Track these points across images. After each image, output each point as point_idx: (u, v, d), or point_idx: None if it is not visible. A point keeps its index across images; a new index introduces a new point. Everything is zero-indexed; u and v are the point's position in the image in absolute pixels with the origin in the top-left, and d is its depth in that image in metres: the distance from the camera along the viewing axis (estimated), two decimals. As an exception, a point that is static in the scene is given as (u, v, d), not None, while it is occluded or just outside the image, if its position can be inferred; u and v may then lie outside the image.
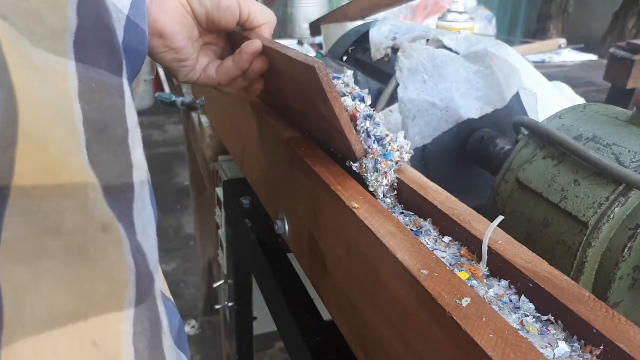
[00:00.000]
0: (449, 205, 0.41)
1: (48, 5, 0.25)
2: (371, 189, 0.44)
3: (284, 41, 1.71)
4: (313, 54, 1.40)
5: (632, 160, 0.45)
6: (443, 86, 0.69)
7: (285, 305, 0.60)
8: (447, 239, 0.40)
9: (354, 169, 0.45)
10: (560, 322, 0.31)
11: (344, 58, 0.91)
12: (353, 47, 0.91)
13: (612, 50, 0.91)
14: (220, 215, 0.97)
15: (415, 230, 0.41)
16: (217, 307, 1.12)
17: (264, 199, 0.67)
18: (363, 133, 0.46)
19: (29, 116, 0.23)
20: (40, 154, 0.23)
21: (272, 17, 0.50)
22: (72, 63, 0.26)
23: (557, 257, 0.47)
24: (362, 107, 0.47)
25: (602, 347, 0.28)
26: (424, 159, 0.69)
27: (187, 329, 1.89)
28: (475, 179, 0.72)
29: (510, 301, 0.33)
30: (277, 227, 0.58)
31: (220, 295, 1.16)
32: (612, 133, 0.48)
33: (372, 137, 0.46)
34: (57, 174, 0.24)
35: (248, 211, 0.77)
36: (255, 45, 0.46)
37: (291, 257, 0.66)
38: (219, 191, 0.96)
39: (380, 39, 0.83)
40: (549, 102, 0.73)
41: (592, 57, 1.77)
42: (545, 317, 0.31)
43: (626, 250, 0.43)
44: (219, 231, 0.99)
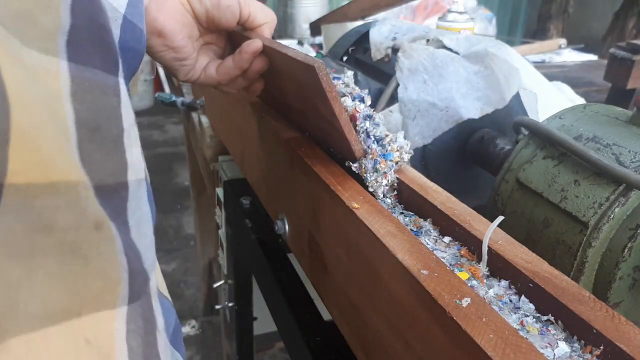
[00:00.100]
0: (449, 205, 0.41)
1: (40, 5, 0.25)
2: (370, 189, 0.44)
3: (284, 41, 1.71)
4: (313, 54, 1.40)
5: (632, 160, 0.45)
6: (443, 86, 0.69)
7: (285, 305, 0.60)
8: (447, 239, 0.40)
9: (353, 169, 0.45)
10: (560, 322, 0.31)
11: (344, 58, 0.91)
12: (353, 47, 0.91)
13: (612, 50, 0.91)
14: (220, 215, 0.97)
15: (415, 230, 0.41)
16: (217, 307, 1.12)
17: (264, 199, 0.67)
18: (362, 133, 0.46)
19: (20, 114, 0.23)
20: (33, 152, 0.23)
21: (273, 17, 0.50)
22: (64, 62, 0.26)
23: (557, 257, 0.47)
24: (361, 107, 0.47)
25: (602, 347, 0.28)
26: (424, 159, 0.69)
27: (187, 329, 1.89)
28: (475, 179, 0.72)
29: (510, 301, 0.33)
30: (277, 227, 0.58)
31: (220, 295, 1.16)
32: (612, 133, 0.48)
33: (372, 137, 0.46)
34: (49, 172, 0.24)
35: (248, 211, 0.77)
36: (255, 45, 0.46)
37: (291, 257, 0.66)
38: (219, 191, 0.96)
39: (380, 39, 0.83)
40: (549, 102, 0.73)
41: (592, 57, 1.77)
42: (545, 317, 0.31)
43: (626, 250, 0.43)
44: (219, 231, 0.99)
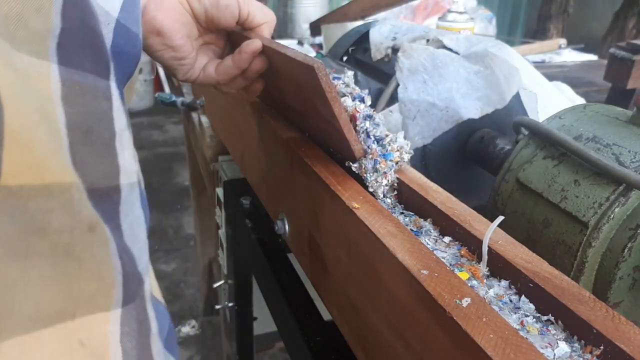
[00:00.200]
0: (449, 205, 0.41)
1: (31, 9, 0.25)
2: (370, 189, 0.44)
3: (284, 41, 1.71)
4: (313, 54, 1.40)
5: (632, 160, 0.45)
6: (443, 86, 0.69)
7: (285, 305, 0.60)
8: (447, 239, 0.40)
9: (353, 169, 0.45)
10: (560, 322, 0.31)
11: (344, 58, 0.91)
12: (353, 47, 0.91)
13: (612, 50, 0.91)
14: (220, 215, 0.97)
15: (415, 230, 0.41)
16: (217, 307, 1.12)
17: (264, 199, 0.67)
18: (362, 133, 0.46)
19: (13, 116, 0.23)
20: (26, 154, 0.23)
21: (272, 17, 0.50)
22: (55, 66, 0.26)
23: (557, 257, 0.47)
24: (361, 107, 0.47)
25: (602, 347, 0.28)
26: (424, 159, 0.69)
27: (187, 329, 1.89)
28: (475, 179, 0.72)
29: (510, 301, 0.33)
30: (277, 227, 0.58)
31: (220, 295, 1.16)
32: (612, 133, 0.48)
33: (372, 137, 0.46)
34: (43, 174, 0.24)
35: (248, 211, 0.77)
36: (254, 45, 0.46)
37: (291, 257, 0.66)
38: (219, 191, 0.96)
39: (380, 39, 0.83)
40: (549, 102, 0.73)
41: (592, 57, 1.77)
42: (545, 317, 0.31)
43: (626, 250, 0.43)
44: (219, 231, 0.99)
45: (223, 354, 1.33)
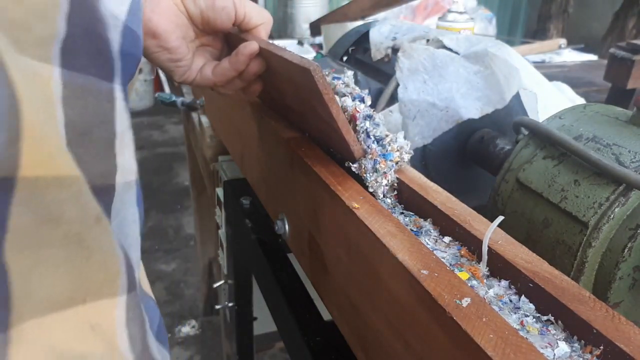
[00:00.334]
0: (449, 205, 0.41)
1: (36, 15, 0.26)
2: (370, 189, 0.44)
3: (284, 41, 1.71)
4: (313, 54, 1.40)
5: (632, 160, 0.45)
6: (443, 86, 0.69)
7: (285, 305, 0.60)
8: (447, 239, 0.40)
9: (353, 169, 0.45)
10: (560, 322, 0.31)
11: (344, 58, 0.91)
12: (353, 47, 0.91)
13: (612, 50, 0.91)
14: (220, 215, 0.97)
15: (415, 230, 0.41)
16: (217, 307, 1.12)
17: (264, 199, 0.67)
18: (362, 133, 0.46)
19: (29, 112, 0.24)
20: (41, 148, 0.25)
21: (269, 18, 0.50)
22: (57, 69, 0.27)
23: (557, 257, 0.47)
24: (361, 107, 0.47)
25: (602, 347, 0.28)
26: (424, 159, 0.69)
27: (187, 329, 1.89)
28: (475, 179, 0.72)
29: (510, 301, 0.33)
30: (277, 227, 0.58)
31: (220, 295, 1.16)
32: (612, 133, 0.48)
33: (372, 137, 0.46)
34: (55, 167, 0.26)
35: (248, 211, 0.77)
36: (251, 47, 0.46)
37: (291, 257, 0.66)
38: (219, 191, 0.96)
39: (380, 39, 0.83)
40: (549, 102, 0.73)
41: (592, 57, 1.77)
42: (545, 317, 0.31)
43: (626, 250, 0.43)
44: (219, 231, 0.99)
45: (223, 354, 1.33)
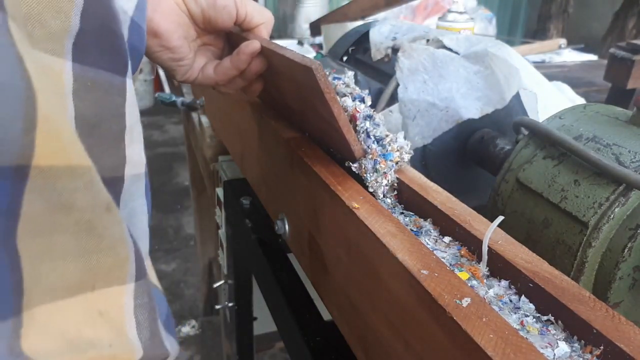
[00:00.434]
0: (449, 205, 0.41)
1: (50, 10, 0.26)
2: (370, 189, 0.44)
3: (284, 41, 1.71)
4: (313, 54, 1.40)
5: (632, 160, 0.45)
6: (443, 86, 0.69)
7: (285, 305, 0.60)
8: (447, 239, 0.40)
9: (353, 169, 0.45)
10: (560, 322, 0.31)
11: (344, 58, 0.91)
12: (353, 47, 0.91)
13: (612, 50, 0.91)
14: (220, 215, 0.97)
15: (415, 230, 0.41)
16: (217, 307, 1.12)
17: (264, 199, 0.67)
18: (362, 133, 0.46)
19: (44, 103, 0.25)
20: (55, 137, 0.26)
21: (270, 17, 0.50)
22: (69, 63, 0.28)
23: (557, 257, 0.47)
24: (361, 107, 0.47)
25: (602, 347, 0.28)
26: (424, 159, 0.69)
27: (187, 329, 1.89)
28: (475, 179, 0.72)
29: (510, 301, 0.33)
30: (277, 227, 0.58)
31: (220, 295, 1.16)
32: (612, 133, 0.48)
33: (372, 137, 0.46)
34: (68, 156, 0.26)
35: (248, 211, 0.77)
36: (253, 46, 0.46)
37: (291, 257, 0.66)
38: (219, 191, 0.96)
39: (380, 39, 0.83)
40: (549, 102, 0.73)
41: (592, 57, 1.77)
42: (545, 317, 0.31)
43: (626, 250, 0.43)
44: (219, 231, 0.99)
45: (223, 354, 1.33)
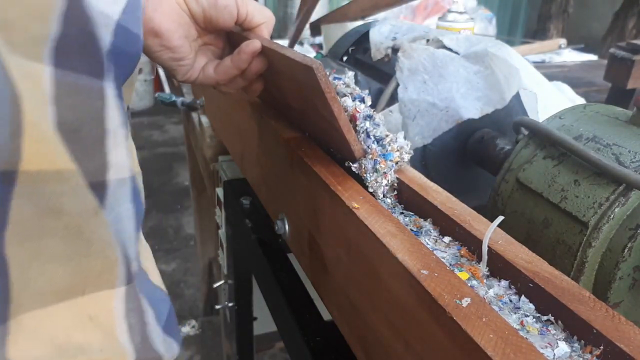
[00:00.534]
0: (449, 205, 0.41)
1: (29, 15, 0.26)
2: (370, 189, 0.44)
3: (285, 41, 1.71)
4: (313, 54, 1.40)
5: (632, 160, 0.45)
6: (443, 86, 0.69)
7: (285, 305, 0.60)
8: (447, 239, 0.40)
9: (353, 169, 0.45)
10: (560, 322, 0.31)
11: (344, 58, 0.91)
12: (353, 47, 0.91)
13: (612, 50, 0.91)
14: (220, 215, 0.97)
15: (415, 230, 0.41)
16: (217, 307, 1.12)
17: (264, 199, 0.67)
18: (362, 133, 0.46)
19: (29, 108, 0.25)
20: (41, 142, 0.26)
21: (271, 17, 0.50)
22: (49, 68, 0.27)
23: (557, 257, 0.47)
24: (361, 108, 0.47)
25: (602, 347, 0.28)
26: (424, 159, 0.69)
27: (187, 329, 1.89)
28: (475, 179, 0.72)
29: (510, 301, 0.33)
30: (277, 227, 0.58)
31: (220, 295, 1.16)
32: (612, 133, 0.48)
33: (372, 137, 0.46)
34: (55, 160, 0.27)
35: (248, 211, 0.77)
36: (254, 46, 0.46)
37: (291, 257, 0.66)
38: (219, 191, 0.96)
39: (380, 39, 0.83)
40: (549, 102, 0.73)
41: (592, 57, 1.77)
42: (545, 317, 0.31)
43: (626, 250, 0.43)
44: (219, 231, 0.99)
45: (223, 354, 1.33)
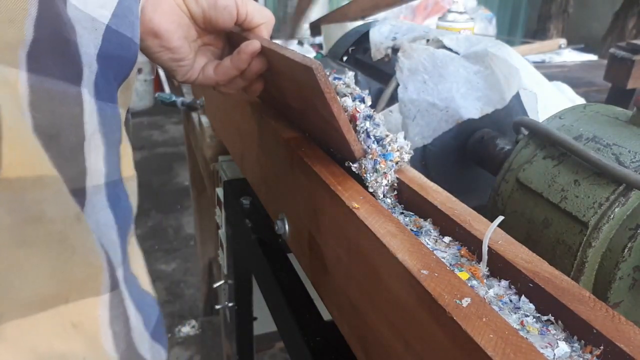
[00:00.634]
0: (449, 205, 0.41)
1: (3, 20, 0.26)
2: (370, 189, 0.44)
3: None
4: (313, 54, 1.40)
5: (632, 160, 0.45)
6: (443, 86, 0.69)
7: (285, 305, 0.60)
8: (447, 239, 0.40)
9: (353, 169, 0.45)
10: (560, 322, 0.31)
11: (344, 58, 0.91)
12: (353, 47, 0.91)
13: (612, 50, 0.91)
14: (220, 215, 0.97)
15: (415, 230, 0.41)
16: (217, 307, 1.12)
17: (264, 199, 0.67)
18: (362, 133, 0.46)
19: (7, 114, 0.24)
20: (21, 148, 0.25)
21: (270, 17, 0.50)
22: (24, 73, 0.27)
23: (557, 257, 0.47)
24: (362, 108, 0.47)
25: (602, 347, 0.28)
26: (424, 159, 0.69)
27: (187, 329, 1.89)
28: (475, 179, 0.72)
29: (510, 301, 0.33)
30: (277, 227, 0.58)
31: (220, 295, 1.16)
32: (612, 133, 0.48)
33: (372, 137, 0.46)
34: (35, 167, 0.26)
35: (248, 211, 0.77)
36: (253, 46, 0.46)
37: (291, 257, 0.66)
38: (219, 191, 0.96)
39: (380, 39, 0.83)
40: (549, 102, 0.73)
41: (592, 57, 1.77)
42: (545, 317, 0.31)
43: (626, 250, 0.43)
44: (219, 231, 0.99)
45: (223, 354, 1.33)
